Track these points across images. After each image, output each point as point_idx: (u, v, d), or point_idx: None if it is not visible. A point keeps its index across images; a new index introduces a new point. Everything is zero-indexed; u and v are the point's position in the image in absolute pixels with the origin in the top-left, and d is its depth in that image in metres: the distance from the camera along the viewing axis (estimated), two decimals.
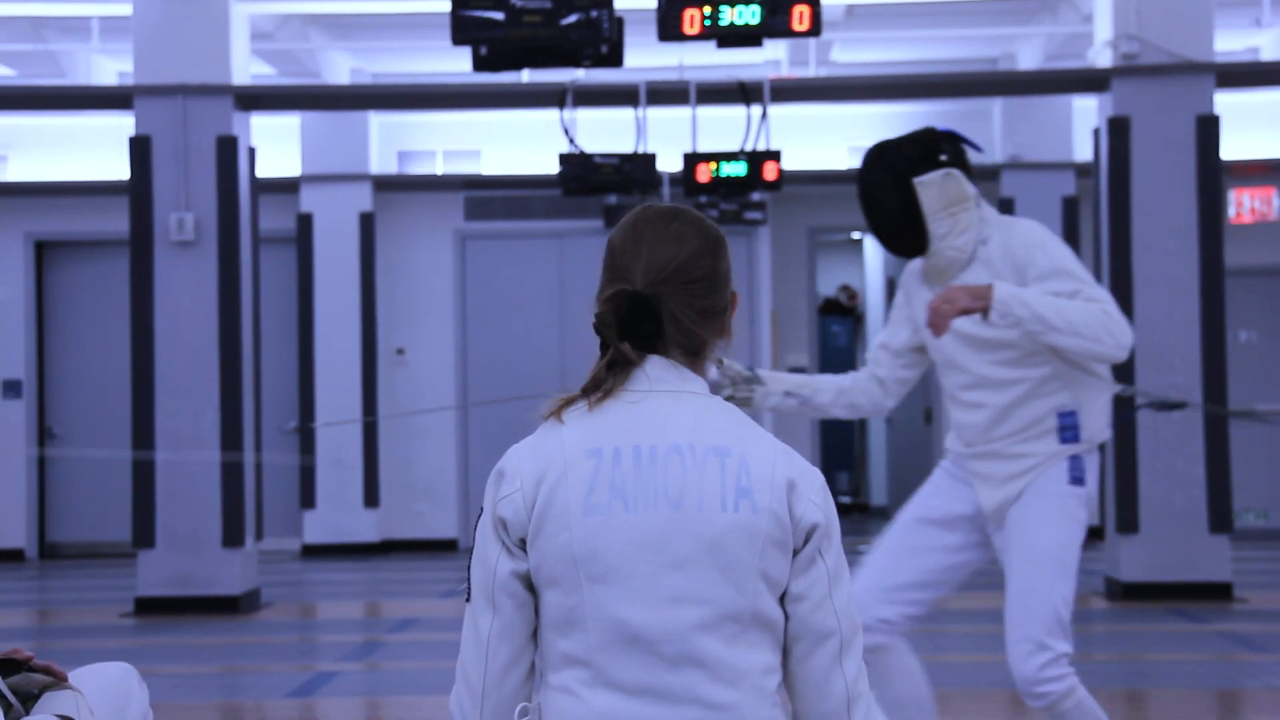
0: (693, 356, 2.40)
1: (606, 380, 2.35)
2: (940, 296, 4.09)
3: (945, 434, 4.51)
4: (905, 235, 4.31)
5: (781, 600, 2.34)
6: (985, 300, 4.04)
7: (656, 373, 2.37)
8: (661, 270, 2.36)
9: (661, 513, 2.29)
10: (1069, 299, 4.11)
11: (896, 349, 4.49)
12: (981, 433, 4.27)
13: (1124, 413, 9.02)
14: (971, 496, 4.33)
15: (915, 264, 4.47)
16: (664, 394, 2.36)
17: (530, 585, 2.34)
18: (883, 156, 4.37)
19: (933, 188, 4.26)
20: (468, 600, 2.37)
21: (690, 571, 2.28)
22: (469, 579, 2.38)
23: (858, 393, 4.52)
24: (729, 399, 4.31)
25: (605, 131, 12.27)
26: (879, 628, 4.29)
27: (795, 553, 2.33)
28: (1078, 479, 4.23)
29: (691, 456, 2.31)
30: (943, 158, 4.28)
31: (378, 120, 14.03)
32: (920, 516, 4.42)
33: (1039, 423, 4.22)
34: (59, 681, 3.04)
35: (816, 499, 2.35)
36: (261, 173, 11.41)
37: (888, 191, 4.29)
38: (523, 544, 2.33)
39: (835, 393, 4.53)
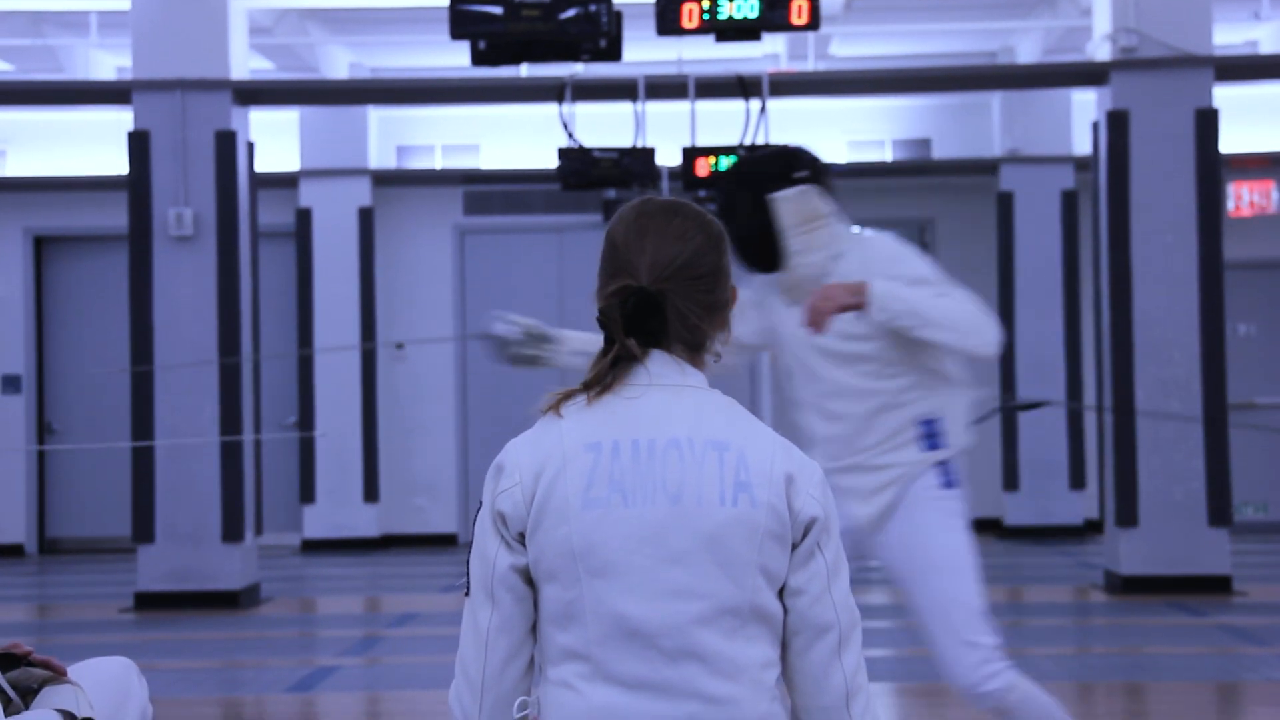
0: (695, 351, 2.40)
1: (608, 375, 2.35)
2: (818, 294, 4.12)
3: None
4: (762, 251, 4.34)
5: (780, 594, 2.34)
6: (862, 296, 4.08)
7: (657, 368, 2.37)
8: (667, 267, 2.36)
9: (660, 507, 2.29)
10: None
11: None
12: (845, 445, 4.28)
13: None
14: (843, 513, 4.31)
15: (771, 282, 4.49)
16: (664, 388, 2.36)
17: (529, 579, 2.34)
18: (741, 172, 4.41)
19: (789, 203, 4.30)
20: (467, 594, 2.37)
21: (689, 566, 2.28)
22: (468, 573, 2.38)
23: None
24: (514, 356, 4.34)
25: (604, 126, 12.26)
26: None
27: (794, 546, 2.33)
28: (949, 483, 4.25)
29: (690, 451, 2.32)
30: (798, 174, 4.32)
31: (376, 115, 14.03)
32: None
33: (900, 432, 4.24)
34: (58, 676, 3.04)
35: (815, 493, 2.35)
36: (260, 167, 11.40)
37: (746, 206, 4.33)
38: (521, 538, 2.33)
39: None
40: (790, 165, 4.34)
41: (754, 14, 7.13)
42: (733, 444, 2.33)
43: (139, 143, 9.97)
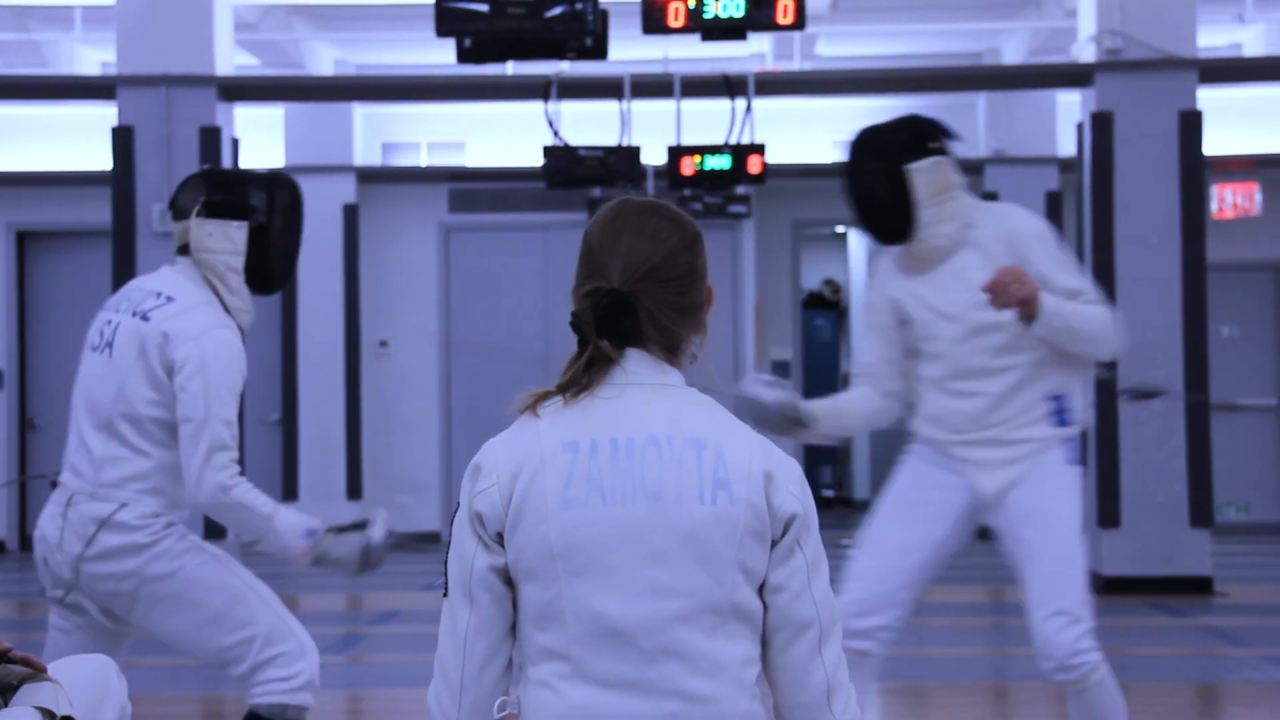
0: (670, 353, 2.40)
1: (583, 377, 2.35)
2: (1011, 274, 4.09)
3: (917, 422, 4.53)
4: (893, 222, 4.30)
5: (760, 591, 2.34)
6: (1034, 305, 4.08)
7: (634, 366, 2.36)
8: (639, 268, 2.36)
9: (640, 505, 2.29)
10: (1075, 301, 4.18)
11: (893, 359, 4.48)
12: (974, 420, 4.29)
13: (1101, 397, 9.05)
14: (957, 483, 4.34)
15: (887, 264, 4.47)
16: (642, 387, 2.36)
17: (508, 579, 2.34)
18: (872, 142, 4.34)
19: (925, 174, 4.25)
20: (445, 595, 2.37)
21: (669, 564, 2.28)
22: (446, 574, 2.38)
23: (882, 413, 4.57)
24: (769, 423, 4.35)
25: (589, 124, 12.25)
26: (878, 636, 4.33)
27: (773, 544, 2.33)
28: (1074, 460, 4.30)
29: (669, 448, 2.31)
30: (933, 144, 4.28)
31: (362, 112, 14.00)
32: (905, 511, 4.42)
33: (1033, 407, 4.27)
34: (38, 673, 3.03)
35: (794, 489, 2.35)
36: (245, 164, 11.38)
37: (879, 177, 4.27)
38: (499, 538, 2.33)
39: (866, 418, 4.57)
40: (925, 135, 4.29)
41: (740, 13, 7.13)
42: (710, 441, 2.33)
43: (123, 138, 9.94)
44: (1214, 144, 12.29)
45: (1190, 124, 9.79)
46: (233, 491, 4.00)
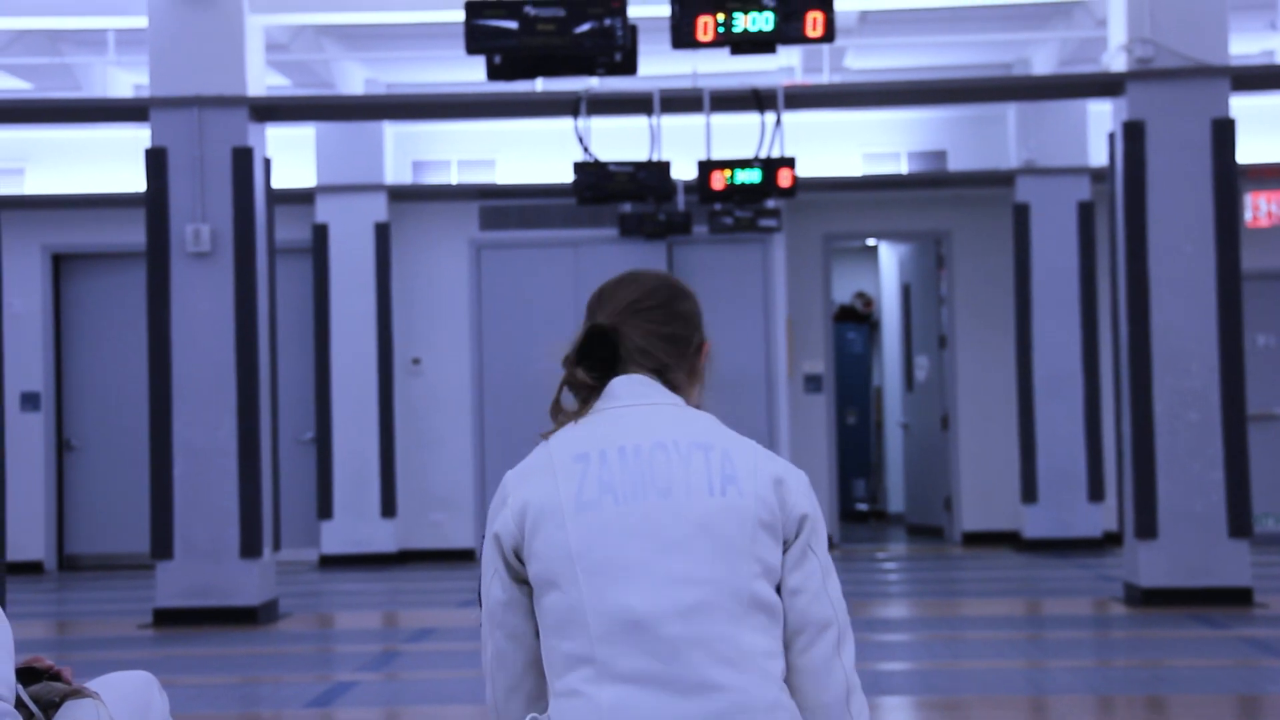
0: (657, 374, 2.50)
1: (568, 406, 2.50)
2: None
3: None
4: None
5: (778, 592, 2.38)
6: None
7: (626, 387, 2.47)
8: (619, 305, 2.53)
9: (651, 500, 2.35)
10: None
11: None
12: None
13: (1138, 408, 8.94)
14: None
15: None
16: (639, 406, 2.45)
17: (526, 612, 2.41)
18: None
19: None
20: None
21: (685, 553, 2.33)
22: (479, 596, 2.49)
23: None
24: None
25: (619, 139, 12.29)
26: None
27: (786, 545, 2.38)
28: None
29: (676, 451, 2.39)
30: None
31: (392, 130, 14.06)
32: None
33: None
34: (80, 690, 3.04)
35: (804, 493, 2.42)
36: (277, 184, 11.44)
37: None
38: (519, 557, 2.40)
39: None
40: None
41: (769, 27, 7.13)
42: (717, 445, 2.41)
43: (156, 160, 10.01)
44: (1248, 152, 12.23)
45: (1223, 132, 9.74)
46: None
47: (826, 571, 2.40)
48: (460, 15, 7.29)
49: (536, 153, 13.96)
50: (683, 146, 12.33)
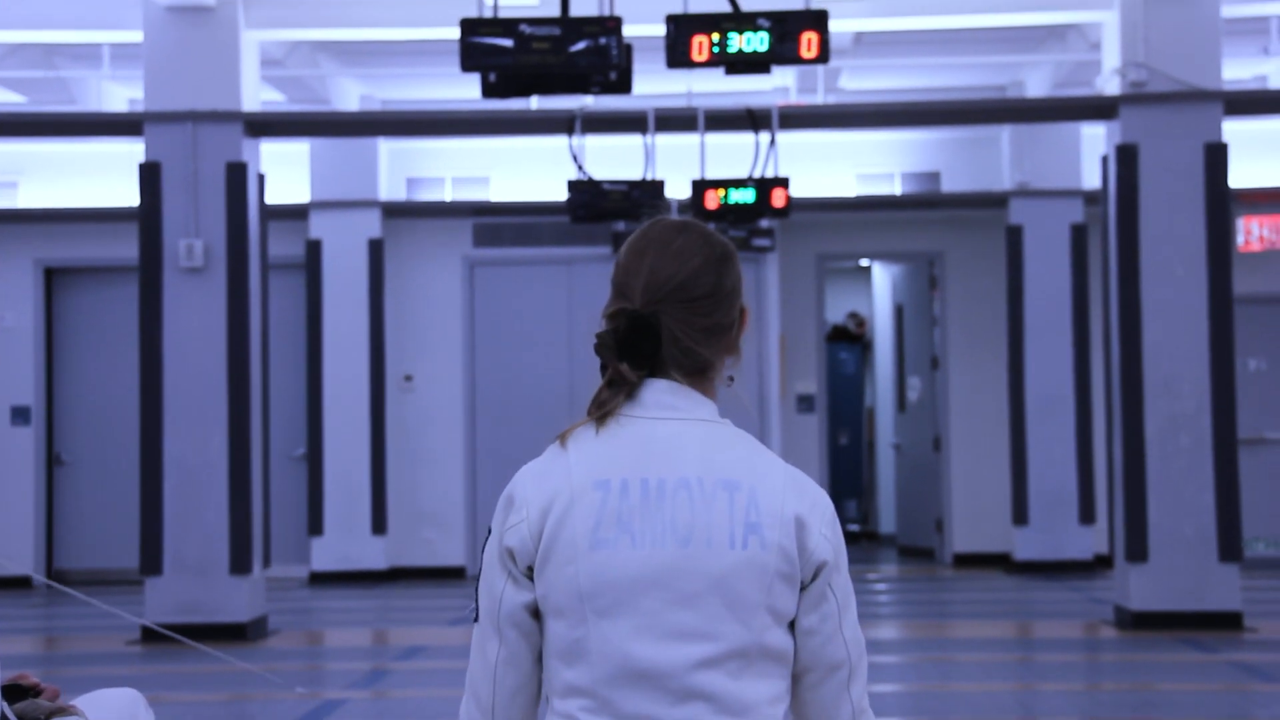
0: (697, 376, 2.35)
1: (608, 401, 2.33)
2: None
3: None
4: None
5: (790, 628, 2.33)
6: None
7: (658, 397, 2.33)
8: (660, 288, 2.31)
9: (669, 550, 2.27)
10: None
11: None
12: None
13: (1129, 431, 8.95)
14: None
15: None
16: (669, 421, 2.33)
17: (536, 613, 2.33)
18: None
19: None
20: (475, 621, 2.38)
21: (697, 608, 2.26)
22: (477, 600, 2.38)
23: None
24: None
25: (614, 158, 12.30)
26: None
27: (803, 586, 2.31)
28: None
29: (700, 491, 2.29)
30: None
31: (387, 147, 14.07)
32: None
33: None
34: (66, 708, 3.03)
35: (826, 532, 2.32)
36: (271, 199, 11.43)
37: None
38: (529, 573, 2.33)
39: None
40: None
41: (764, 47, 7.14)
42: (744, 484, 2.30)
43: (150, 174, 10.01)
44: (1240, 176, 12.26)
45: (1216, 156, 9.76)
46: None
47: (844, 609, 2.33)
48: (456, 32, 7.30)
49: (531, 170, 13.97)
50: (677, 165, 12.34)
